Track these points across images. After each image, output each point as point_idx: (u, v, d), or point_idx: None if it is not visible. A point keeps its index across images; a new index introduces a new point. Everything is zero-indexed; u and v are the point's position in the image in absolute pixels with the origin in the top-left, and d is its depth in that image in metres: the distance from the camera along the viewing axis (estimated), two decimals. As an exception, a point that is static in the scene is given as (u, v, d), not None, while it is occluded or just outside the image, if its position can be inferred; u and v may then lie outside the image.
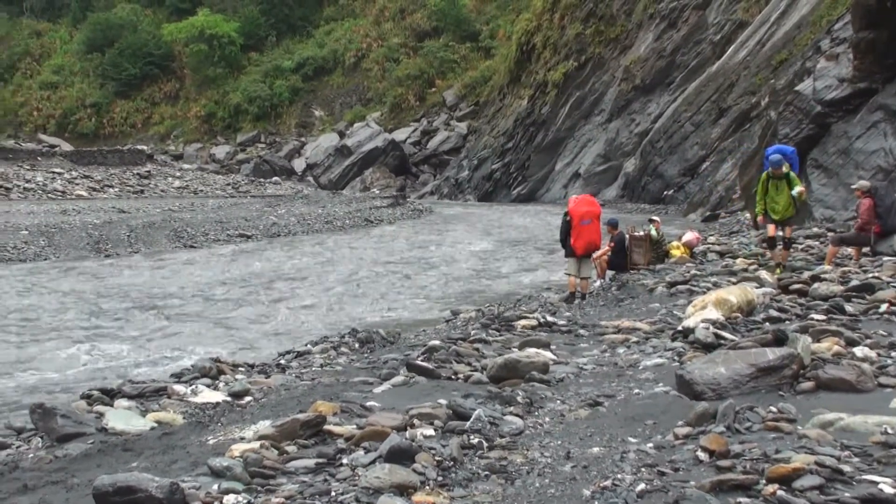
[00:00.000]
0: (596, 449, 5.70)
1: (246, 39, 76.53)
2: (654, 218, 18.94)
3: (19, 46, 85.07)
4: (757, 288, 11.70)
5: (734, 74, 39.27)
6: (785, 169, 13.91)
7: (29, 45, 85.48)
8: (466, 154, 59.45)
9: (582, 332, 11.25)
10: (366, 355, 11.08)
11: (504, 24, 66.64)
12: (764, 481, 4.58)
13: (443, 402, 6.88)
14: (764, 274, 13.65)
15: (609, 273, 17.09)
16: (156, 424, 7.63)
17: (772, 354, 6.86)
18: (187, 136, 74.77)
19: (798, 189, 13.87)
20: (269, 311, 17.62)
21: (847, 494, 4.38)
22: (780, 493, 4.42)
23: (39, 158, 51.87)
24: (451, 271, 23.14)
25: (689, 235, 18.90)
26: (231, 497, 4.90)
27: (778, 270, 13.75)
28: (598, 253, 16.42)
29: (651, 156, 42.51)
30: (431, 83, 68.65)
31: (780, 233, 14.16)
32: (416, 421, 6.32)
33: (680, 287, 13.85)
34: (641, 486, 4.79)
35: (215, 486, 5.11)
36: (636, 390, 7.36)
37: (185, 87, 78.17)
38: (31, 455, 7.09)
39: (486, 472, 5.36)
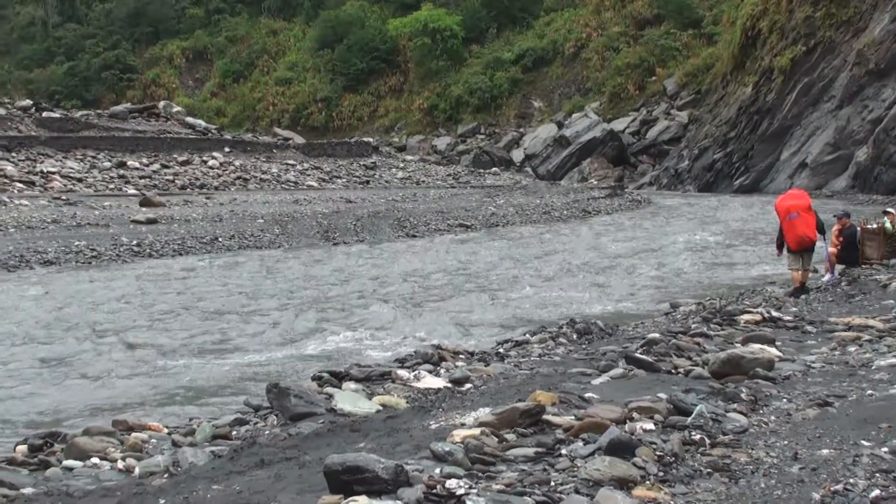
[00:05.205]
0: (825, 451, 5.49)
1: (467, 32, 77.78)
2: (890, 210, 17.84)
3: (257, 45, 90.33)
4: None
5: (981, 56, 36.40)
6: None
7: (266, 44, 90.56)
8: (686, 144, 57.96)
9: (809, 328, 10.81)
10: (583, 346, 11.08)
11: (728, 9, 64.40)
12: None
13: (662, 396, 6.81)
14: None
15: (839, 267, 16.30)
16: (381, 407, 7.94)
17: None
18: (410, 128, 76.88)
19: None
20: (488, 299, 17.85)
21: None
22: None
23: (274, 151, 54.61)
24: (669, 262, 22.69)
25: (929, 229, 17.72)
26: (453, 482, 5.02)
27: None
28: (831, 249, 15.77)
29: (885, 144, 40.01)
30: (652, 72, 67.37)
31: None
32: (635, 414, 6.28)
33: (918, 283, 13.06)
34: (876, 492, 4.59)
35: (437, 470, 5.25)
36: (869, 391, 7.01)
37: (408, 81, 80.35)
38: (267, 432, 7.56)
39: (709, 470, 5.27)
